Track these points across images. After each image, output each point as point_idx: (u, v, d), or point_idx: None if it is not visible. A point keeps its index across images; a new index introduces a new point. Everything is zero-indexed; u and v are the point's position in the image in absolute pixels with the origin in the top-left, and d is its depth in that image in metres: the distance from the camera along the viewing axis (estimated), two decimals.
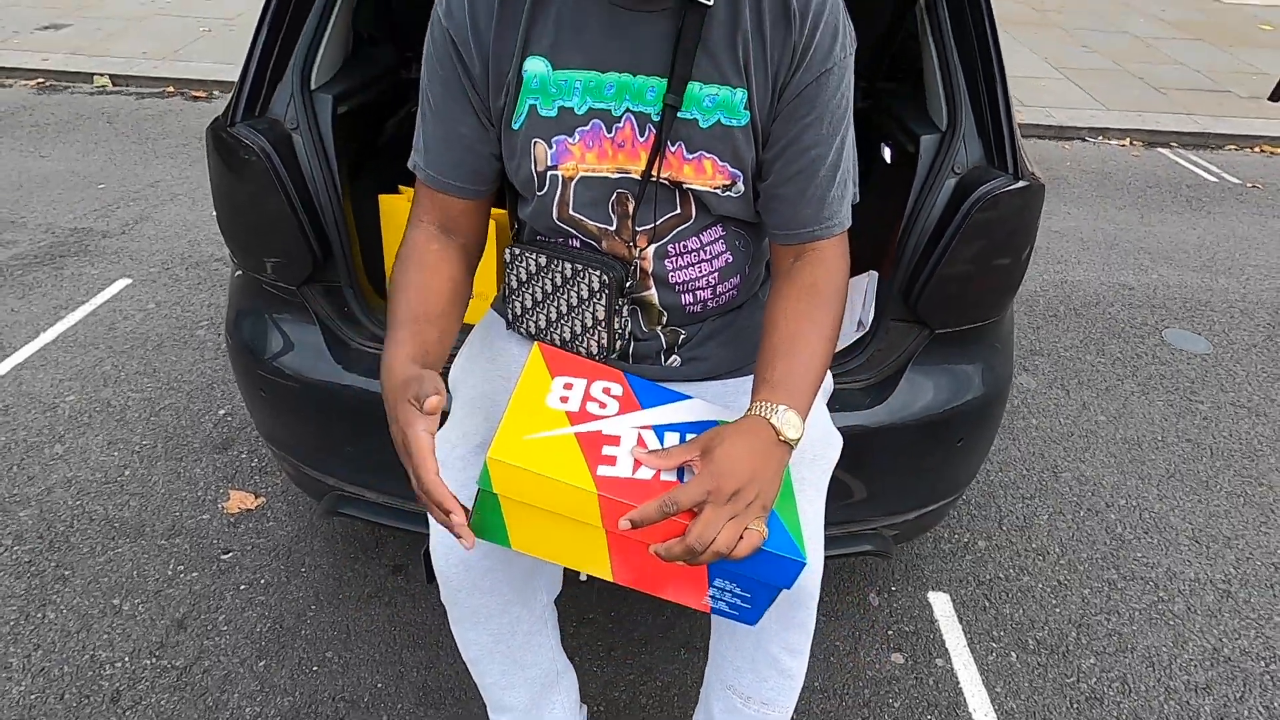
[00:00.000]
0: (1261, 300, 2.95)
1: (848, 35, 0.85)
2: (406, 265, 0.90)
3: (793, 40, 0.82)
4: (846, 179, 0.90)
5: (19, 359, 2.25)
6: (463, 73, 0.85)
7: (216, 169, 1.22)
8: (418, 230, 0.93)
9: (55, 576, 1.61)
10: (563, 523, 0.76)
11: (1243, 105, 5.00)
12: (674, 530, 0.72)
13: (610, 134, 0.87)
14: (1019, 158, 1.16)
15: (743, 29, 0.83)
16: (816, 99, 0.84)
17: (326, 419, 1.31)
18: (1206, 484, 2.04)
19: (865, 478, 1.28)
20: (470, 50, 0.84)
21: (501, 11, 0.83)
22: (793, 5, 0.82)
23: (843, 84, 0.86)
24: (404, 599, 1.60)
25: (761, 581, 0.77)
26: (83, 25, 5.29)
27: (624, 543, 0.76)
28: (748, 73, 0.84)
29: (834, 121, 0.86)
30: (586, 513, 0.73)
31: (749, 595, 0.79)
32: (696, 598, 0.80)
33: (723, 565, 0.75)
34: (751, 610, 0.80)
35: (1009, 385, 1.37)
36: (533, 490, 0.73)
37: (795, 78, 0.84)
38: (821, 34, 0.82)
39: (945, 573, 1.74)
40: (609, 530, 0.75)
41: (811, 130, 0.85)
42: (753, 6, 0.83)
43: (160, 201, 3.25)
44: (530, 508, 0.75)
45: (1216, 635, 1.63)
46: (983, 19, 1.21)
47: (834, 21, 0.83)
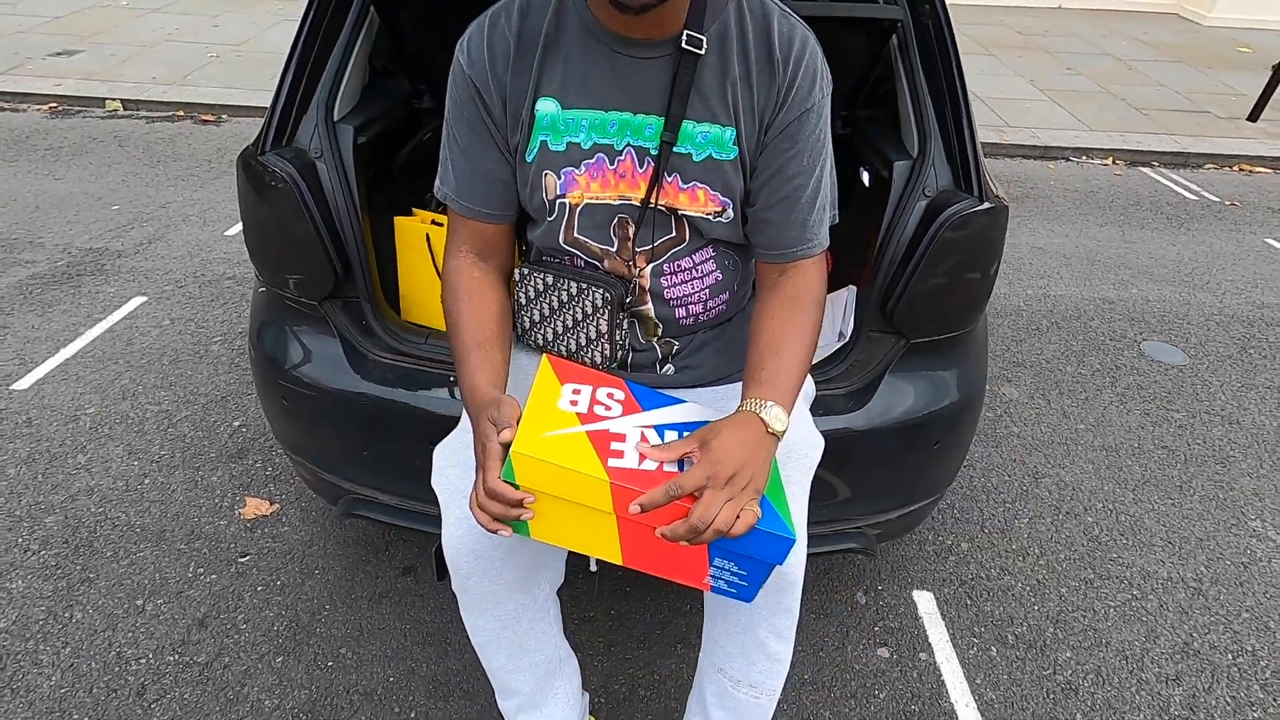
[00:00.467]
0: (1237, 314, 3.05)
1: (825, 78, 0.97)
2: (458, 295, 1.01)
3: (777, 83, 0.94)
4: (825, 204, 1.01)
5: (40, 373, 2.33)
6: (485, 113, 0.96)
7: (246, 194, 1.31)
8: (459, 259, 1.03)
9: (81, 579, 1.69)
10: (578, 511, 0.84)
11: (1221, 125, 5.15)
12: (678, 513, 0.81)
13: (613, 166, 0.97)
14: (984, 182, 1.26)
15: (731, 75, 0.94)
16: (798, 135, 0.96)
17: (344, 425, 1.40)
18: (1180, 488, 2.13)
19: (848, 478, 1.37)
20: (490, 92, 0.95)
21: (517, 58, 0.93)
22: (776, 54, 0.93)
23: (821, 121, 0.97)
24: (413, 598, 1.68)
25: (757, 559, 0.86)
26: (95, 51, 5.43)
27: (633, 529, 0.85)
28: (736, 113, 0.95)
29: (814, 154, 0.97)
30: (599, 499, 0.83)
31: (745, 574, 0.87)
32: (698, 578, 0.88)
33: (722, 546, 0.84)
34: (748, 588, 0.89)
35: (982, 392, 1.46)
36: (551, 480, 0.83)
37: (780, 116, 0.95)
38: (802, 78, 0.94)
39: (929, 573, 1.82)
40: (620, 515, 0.84)
41: (794, 162, 0.96)
42: (740, 55, 0.94)
43: (172, 222, 3.35)
44: (549, 497, 0.84)
45: (1187, 630, 1.71)
46: (949, 57, 1.33)
47: (813, 66, 0.95)
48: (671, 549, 0.85)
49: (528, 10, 0.94)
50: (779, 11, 0.96)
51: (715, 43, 0.93)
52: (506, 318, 1.05)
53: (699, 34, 0.91)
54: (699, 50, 0.91)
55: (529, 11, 0.94)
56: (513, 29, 0.93)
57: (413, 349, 1.36)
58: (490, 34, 0.94)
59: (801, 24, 0.97)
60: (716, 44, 0.93)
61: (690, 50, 0.91)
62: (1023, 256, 3.43)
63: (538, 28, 0.93)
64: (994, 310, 2.98)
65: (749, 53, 0.94)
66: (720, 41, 0.94)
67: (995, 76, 5.93)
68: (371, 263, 1.38)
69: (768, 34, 0.94)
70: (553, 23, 0.93)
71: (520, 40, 0.93)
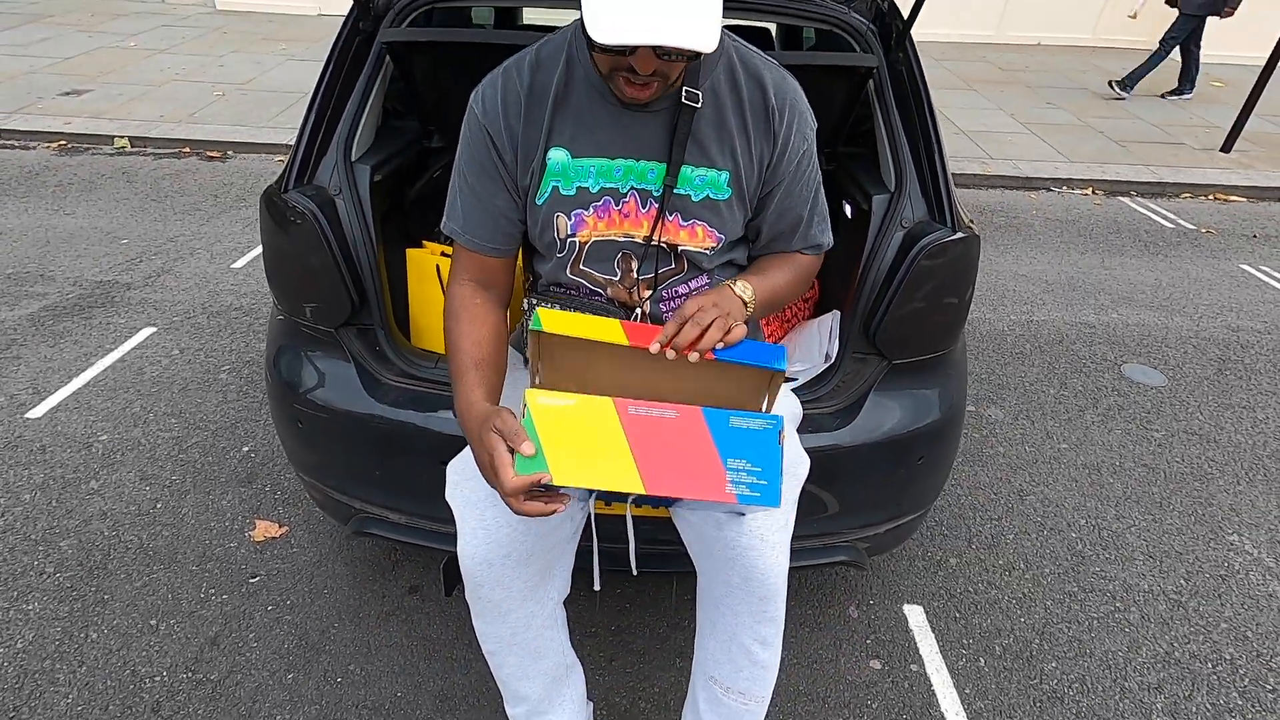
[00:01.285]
0: (1213, 336, 3.16)
1: (811, 118, 1.10)
2: (459, 318, 1.09)
3: (773, 131, 1.07)
4: (821, 217, 1.18)
5: (53, 402, 2.40)
6: (496, 158, 1.06)
7: (269, 228, 1.40)
8: (461, 287, 1.12)
9: (96, 600, 1.73)
10: (596, 438, 0.88)
11: (1196, 156, 5.33)
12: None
13: (618, 206, 1.07)
14: (956, 213, 1.36)
15: (728, 124, 1.05)
16: (796, 174, 1.11)
17: (357, 446, 1.47)
18: (1160, 504, 2.20)
19: (837, 492, 1.44)
20: (503, 140, 1.05)
21: (528, 110, 1.04)
22: (773, 103, 1.06)
23: (812, 155, 1.12)
24: (420, 616, 1.73)
25: (759, 364, 0.95)
26: (104, 90, 5.58)
27: (648, 452, 0.89)
28: (733, 157, 1.07)
29: (810, 184, 1.13)
30: (614, 334, 0.94)
31: (761, 469, 0.91)
32: (720, 489, 0.91)
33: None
34: (768, 486, 0.91)
35: (963, 410, 1.54)
36: (571, 323, 0.93)
37: (784, 158, 1.09)
38: (798, 123, 1.08)
39: (919, 587, 1.88)
40: (630, 429, 0.89)
41: (794, 194, 1.13)
42: (735, 105, 1.05)
43: (180, 255, 3.44)
44: (569, 436, 0.88)
45: (1168, 641, 1.77)
46: (922, 99, 1.44)
47: (803, 110, 1.09)
48: (689, 468, 0.89)
49: (537, 66, 1.04)
50: (766, 64, 1.08)
51: (710, 96, 1.04)
52: (503, 341, 1.13)
53: (695, 89, 1.02)
54: (695, 104, 1.02)
55: (539, 67, 1.04)
56: (524, 83, 1.03)
57: (423, 372, 1.43)
58: (504, 88, 1.04)
59: (787, 74, 1.08)
60: (711, 97, 1.04)
61: (688, 104, 1.01)
62: (1006, 283, 3.54)
63: (547, 83, 1.03)
64: (979, 334, 3.08)
65: (744, 104, 1.05)
66: (715, 94, 1.05)
67: (978, 110, 6.14)
68: (385, 292, 1.47)
69: (761, 86, 1.06)
70: (562, 79, 1.03)
71: (531, 94, 1.04)
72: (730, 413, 0.91)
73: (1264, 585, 1.93)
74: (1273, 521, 2.15)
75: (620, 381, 0.98)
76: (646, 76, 0.93)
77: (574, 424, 0.89)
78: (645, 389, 0.98)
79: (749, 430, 0.91)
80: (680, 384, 0.99)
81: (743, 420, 0.91)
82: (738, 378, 0.99)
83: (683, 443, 0.90)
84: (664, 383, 0.99)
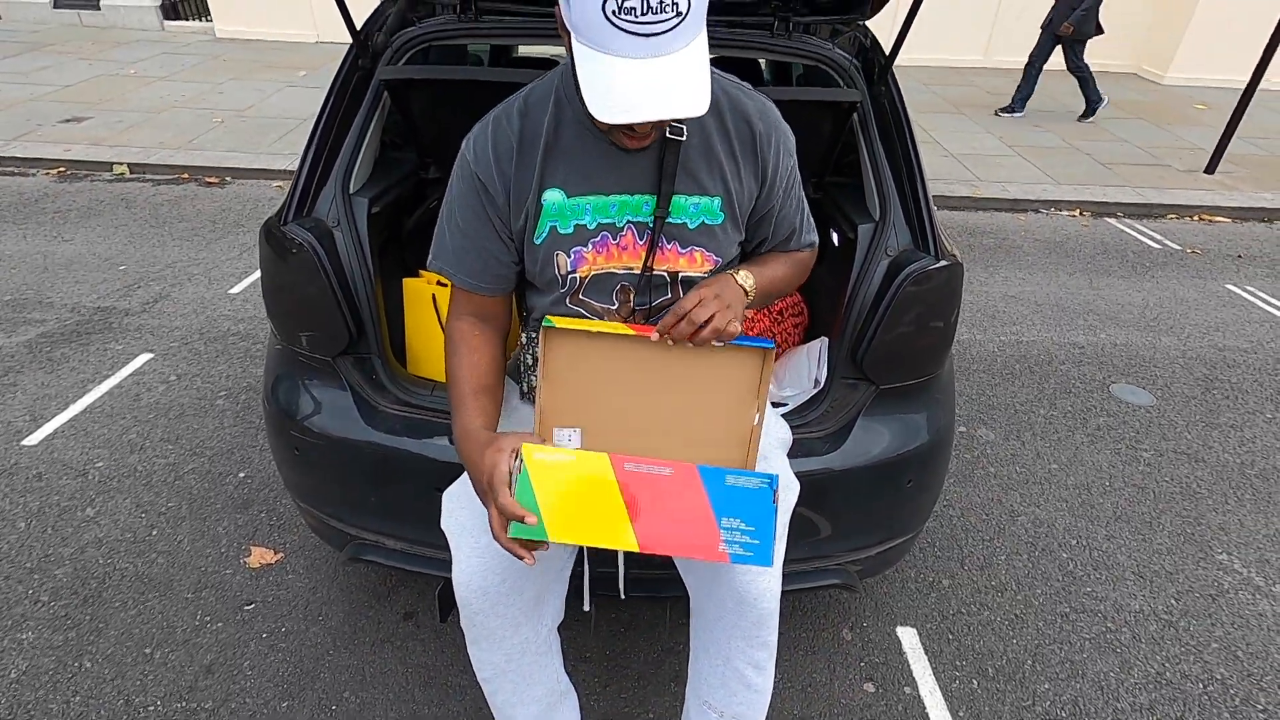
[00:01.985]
0: (1200, 356, 3.20)
1: (790, 136, 1.16)
2: (458, 349, 1.12)
3: (761, 157, 1.12)
4: (807, 217, 1.24)
5: (50, 429, 2.41)
6: (488, 203, 1.08)
7: (269, 260, 1.43)
8: (461, 321, 1.15)
9: (91, 629, 1.73)
10: (590, 495, 0.90)
11: (1181, 178, 5.42)
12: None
13: (616, 240, 1.10)
14: (939, 241, 1.40)
15: (715, 151, 1.09)
16: (785, 189, 1.17)
17: (354, 474, 1.48)
18: (1150, 524, 2.22)
19: (828, 516, 1.46)
20: (495, 185, 1.07)
21: (519, 155, 1.06)
22: (758, 131, 1.10)
23: (795, 169, 1.19)
24: (415, 643, 1.73)
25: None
26: (104, 118, 5.64)
27: (643, 509, 0.91)
28: (724, 183, 1.10)
29: (795, 194, 1.20)
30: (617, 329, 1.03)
31: (754, 529, 0.92)
32: (713, 547, 0.92)
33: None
34: (761, 545, 0.92)
35: (951, 434, 1.57)
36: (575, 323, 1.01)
37: (775, 181, 1.14)
38: (783, 150, 1.13)
39: (913, 609, 1.90)
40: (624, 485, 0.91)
41: (784, 206, 1.19)
42: (721, 134, 1.09)
43: (178, 281, 3.47)
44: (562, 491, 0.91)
45: (1159, 661, 1.78)
46: (905, 131, 1.48)
47: (787, 135, 1.15)
48: (683, 526, 0.91)
49: (526, 112, 1.07)
50: (745, 92, 1.12)
51: (696, 127, 1.08)
52: (501, 370, 1.16)
53: (679, 123, 1.05)
54: (680, 138, 1.05)
55: (528, 113, 1.07)
56: (514, 129, 1.06)
57: (419, 400, 1.45)
58: (494, 135, 1.07)
59: (763, 97, 1.14)
60: (698, 128, 1.08)
61: (673, 139, 1.05)
62: (996, 304, 3.59)
63: (538, 127, 1.06)
64: (970, 355, 3.11)
65: (730, 134, 1.09)
66: (701, 125, 1.08)
67: (968, 134, 6.24)
68: (382, 321, 1.49)
69: (745, 115, 1.10)
70: (552, 122, 1.06)
71: (523, 139, 1.06)
72: (726, 471, 0.93)
73: (1253, 604, 1.95)
74: (1261, 540, 2.17)
75: (622, 373, 1.06)
76: (647, 131, 1.00)
77: (569, 480, 0.91)
78: (646, 377, 1.06)
79: (744, 489, 0.92)
80: (679, 370, 1.07)
81: (738, 479, 0.92)
82: (735, 362, 1.07)
83: (678, 500, 0.91)
84: (663, 370, 1.07)
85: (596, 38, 0.85)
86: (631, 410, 1.10)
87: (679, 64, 0.86)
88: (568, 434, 1.13)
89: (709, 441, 1.10)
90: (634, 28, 0.83)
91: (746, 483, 0.92)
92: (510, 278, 1.15)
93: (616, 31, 0.83)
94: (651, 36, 0.84)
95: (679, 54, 0.86)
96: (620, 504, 0.91)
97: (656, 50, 0.85)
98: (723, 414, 1.09)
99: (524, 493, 0.91)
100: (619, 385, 1.09)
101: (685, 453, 1.08)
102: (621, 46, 0.84)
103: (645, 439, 1.11)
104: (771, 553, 0.92)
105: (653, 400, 1.10)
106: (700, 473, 0.92)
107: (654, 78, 0.85)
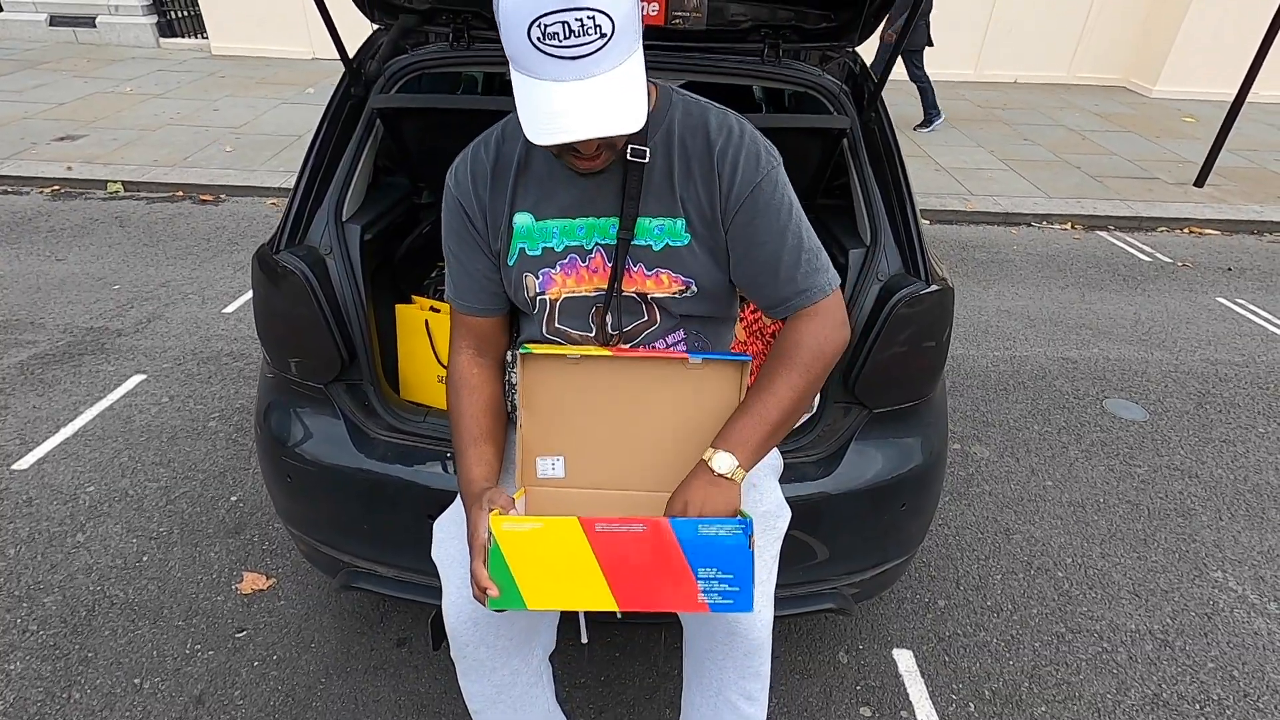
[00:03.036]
0: (1192, 370, 3.21)
1: (768, 153, 1.07)
2: (459, 391, 1.15)
3: (717, 173, 1.06)
4: (812, 256, 1.08)
5: (40, 453, 2.39)
6: (470, 225, 1.13)
7: (262, 287, 1.43)
8: (460, 356, 1.17)
9: (79, 659, 1.72)
10: (565, 561, 0.91)
11: (1171, 191, 5.47)
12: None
13: (585, 263, 1.11)
14: (929, 266, 1.41)
15: (677, 173, 1.07)
16: (755, 207, 1.06)
17: (346, 500, 1.47)
18: (1145, 541, 2.22)
19: (822, 540, 1.45)
20: (474, 210, 1.12)
21: (494, 181, 1.11)
22: (715, 148, 1.06)
23: (777, 188, 1.06)
24: (408, 670, 1.72)
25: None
26: (98, 136, 5.65)
27: (618, 569, 0.92)
28: (684, 205, 1.08)
29: (780, 217, 1.06)
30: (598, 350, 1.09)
31: (732, 575, 0.92)
32: (692, 599, 0.93)
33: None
34: (741, 593, 0.93)
35: (944, 457, 1.57)
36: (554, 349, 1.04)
37: (732, 199, 1.06)
38: (744, 164, 1.05)
39: (908, 631, 1.89)
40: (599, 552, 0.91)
41: (761, 230, 1.06)
42: (681, 154, 1.07)
43: (171, 300, 3.46)
44: (538, 560, 0.91)
45: (1156, 682, 1.78)
46: (894, 156, 1.49)
47: (752, 149, 1.06)
48: (660, 581, 0.91)
49: (503, 140, 1.12)
50: (714, 110, 1.09)
51: (661, 148, 1.07)
52: (501, 410, 1.19)
53: (642, 146, 1.05)
54: (642, 160, 1.05)
55: (504, 141, 1.12)
56: (490, 157, 1.11)
57: (412, 427, 1.45)
58: (473, 163, 1.12)
59: (734, 115, 1.09)
60: (663, 149, 1.07)
61: (634, 161, 1.05)
62: (989, 319, 3.60)
63: (511, 155, 1.11)
64: (964, 371, 3.12)
65: (689, 152, 1.07)
66: (665, 146, 1.07)
67: (959, 148, 6.28)
68: (374, 347, 1.49)
69: (705, 133, 1.06)
70: (524, 150, 1.10)
71: (496, 165, 1.11)
72: (698, 521, 0.92)
73: (1249, 623, 1.95)
74: (1256, 557, 2.17)
75: (602, 395, 1.06)
76: (591, 153, 0.98)
77: (541, 547, 0.91)
78: (626, 398, 1.07)
79: (718, 537, 0.91)
80: (659, 389, 1.07)
81: (710, 528, 0.92)
82: (714, 376, 1.07)
83: (652, 556, 0.91)
84: (644, 390, 1.07)
85: (527, 64, 0.87)
86: (614, 433, 1.11)
87: (608, 84, 0.87)
88: (550, 462, 1.14)
89: (694, 459, 1.10)
90: (559, 52, 0.84)
91: (720, 530, 0.92)
92: (501, 296, 1.18)
93: (544, 57, 0.85)
94: (577, 60, 0.85)
95: (608, 75, 0.87)
96: (595, 566, 0.92)
97: (583, 73, 0.86)
98: (706, 429, 1.09)
99: (497, 564, 0.92)
100: (600, 408, 1.10)
101: (670, 472, 1.08)
102: (550, 71, 0.86)
103: (629, 460, 1.11)
104: (751, 598, 0.93)
105: (635, 421, 1.10)
106: (672, 526, 0.92)
107: (582, 99, 0.87)
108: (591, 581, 0.92)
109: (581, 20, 0.83)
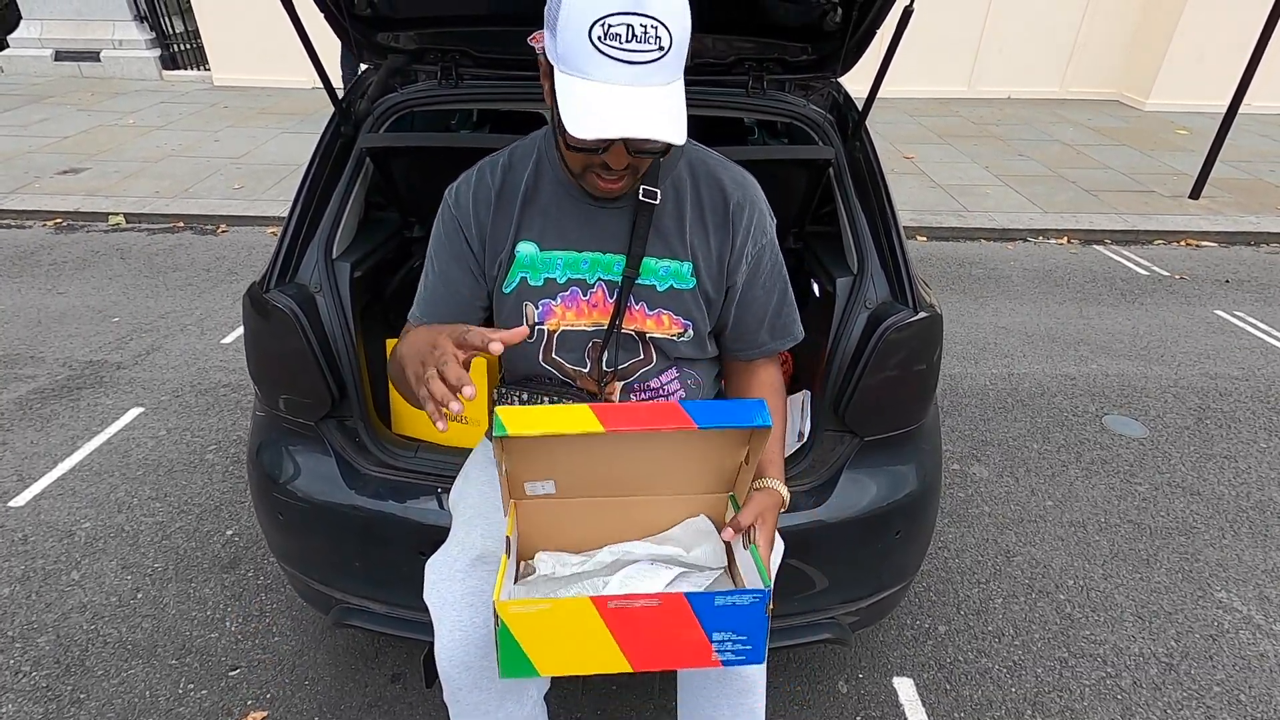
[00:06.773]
0: (1191, 385, 3.20)
1: (770, 214, 1.16)
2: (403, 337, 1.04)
3: (731, 229, 1.12)
4: (791, 308, 1.22)
5: (38, 489, 2.39)
6: (466, 246, 1.13)
7: (253, 325, 1.44)
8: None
9: (71, 700, 1.70)
10: (575, 629, 0.88)
11: (1166, 203, 5.48)
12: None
13: (586, 297, 1.12)
14: (916, 293, 1.41)
15: (688, 219, 1.11)
16: (759, 265, 1.16)
17: (338, 537, 1.47)
18: (1147, 561, 2.20)
19: (816, 570, 1.44)
20: (471, 230, 1.12)
21: (498, 206, 1.11)
22: (731, 204, 1.12)
23: (776, 248, 1.17)
24: (402, 706, 1.70)
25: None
26: (100, 168, 5.71)
27: (632, 639, 0.90)
28: (693, 250, 1.12)
29: (773, 276, 1.18)
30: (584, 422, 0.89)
31: (745, 636, 0.91)
32: (705, 657, 0.92)
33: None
34: (754, 650, 0.92)
35: (938, 483, 1.56)
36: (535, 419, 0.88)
37: (745, 256, 1.13)
38: (757, 224, 1.13)
39: (909, 658, 1.87)
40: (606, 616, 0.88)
41: (760, 286, 1.17)
42: (694, 202, 1.11)
43: (171, 332, 3.48)
44: (547, 625, 0.88)
45: (1161, 707, 1.75)
46: (879, 184, 1.50)
47: (761, 208, 1.15)
48: (674, 643, 0.90)
49: (509, 167, 1.13)
50: (721, 163, 1.14)
51: (671, 193, 1.10)
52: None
53: (654, 187, 1.08)
54: (654, 201, 1.07)
55: (510, 168, 1.12)
56: (495, 182, 1.12)
57: (404, 462, 1.45)
58: (476, 185, 1.12)
59: (743, 171, 1.15)
60: (672, 194, 1.11)
61: (646, 201, 1.07)
62: (987, 336, 3.60)
63: (518, 182, 1.11)
64: (962, 390, 3.11)
65: (702, 202, 1.12)
66: (675, 191, 1.11)
67: (953, 164, 6.32)
68: (364, 383, 1.49)
69: (720, 186, 1.12)
70: (531, 178, 1.11)
71: (502, 191, 1.11)
72: (714, 594, 0.90)
73: (1254, 645, 1.92)
74: (1260, 576, 2.15)
75: (594, 472, 1.00)
76: (619, 171, 0.99)
77: (552, 625, 0.88)
78: (621, 473, 1.01)
79: (736, 607, 0.90)
80: (658, 465, 1.01)
81: (728, 599, 0.90)
82: (718, 446, 1.00)
83: (667, 626, 0.89)
84: (641, 464, 1.01)
85: (581, 65, 0.86)
86: (608, 469, 1.08)
87: (659, 96, 0.88)
88: (540, 485, 1.11)
89: (693, 489, 1.07)
90: (619, 54, 0.85)
91: (738, 601, 0.90)
92: (474, 318, 1.15)
93: (603, 58, 0.85)
94: (635, 65, 0.86)
95: (660, 88, 0.88)
96: (609, 637, 0.90)
97: (638, 80, 0.86)
98: (709, 461, 1.05)
99: (505, 641, 0.88)
100: (588, 462, 1.02)
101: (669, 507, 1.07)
102: (606, 73, 0.86)
103: (624, 486, 1.07)
104: (764, 652, 0.91)
105: (627, 462, 1.07)
106: (689, 600, 0.89)
107: (634, 102, 0.87)
108: (604, 649, 0.91)
109: (645, 26, 0.84)
